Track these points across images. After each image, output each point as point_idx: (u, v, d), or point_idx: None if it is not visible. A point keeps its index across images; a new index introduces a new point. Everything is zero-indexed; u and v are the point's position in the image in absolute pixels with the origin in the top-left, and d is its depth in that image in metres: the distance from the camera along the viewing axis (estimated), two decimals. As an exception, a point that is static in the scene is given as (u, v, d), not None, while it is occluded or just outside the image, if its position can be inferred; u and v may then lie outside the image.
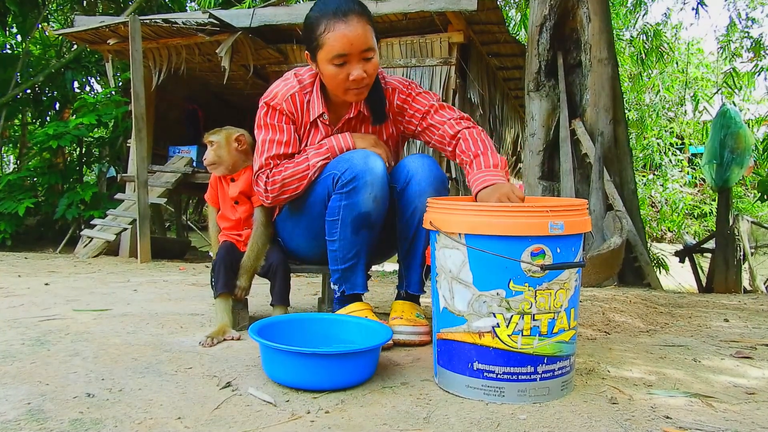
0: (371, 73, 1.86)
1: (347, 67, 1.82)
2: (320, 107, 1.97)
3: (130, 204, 6.42)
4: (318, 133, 2.01)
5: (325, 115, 1.98)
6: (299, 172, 1.94)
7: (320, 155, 1.94)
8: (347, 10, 1.79)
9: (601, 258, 4.28)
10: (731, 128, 5.94)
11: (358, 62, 1.82)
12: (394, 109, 2.06)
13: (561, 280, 1.39)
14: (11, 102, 8.47)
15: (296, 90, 1.97)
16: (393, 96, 2.05)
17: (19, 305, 2.54)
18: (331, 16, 1.79)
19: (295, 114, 1.98)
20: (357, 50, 1.80)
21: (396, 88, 2.06)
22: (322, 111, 1.97)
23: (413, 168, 1.93)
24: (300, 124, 2.00)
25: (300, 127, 2.01)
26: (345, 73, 1.82)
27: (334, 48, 1.79)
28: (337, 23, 1.78)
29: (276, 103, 1.97)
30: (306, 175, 1.94)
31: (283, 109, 1.96)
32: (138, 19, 5.86)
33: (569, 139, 5.09)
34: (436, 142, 2.03)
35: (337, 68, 1.82)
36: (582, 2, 5.08)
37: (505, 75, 7.83)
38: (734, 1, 10.04)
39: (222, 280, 2.03)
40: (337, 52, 1.80)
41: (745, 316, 2.71)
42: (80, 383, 1.46)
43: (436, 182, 1.93)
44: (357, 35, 1.78)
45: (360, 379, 1.51)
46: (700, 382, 1.59)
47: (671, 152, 14.33)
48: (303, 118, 2.00)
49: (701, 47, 15.20)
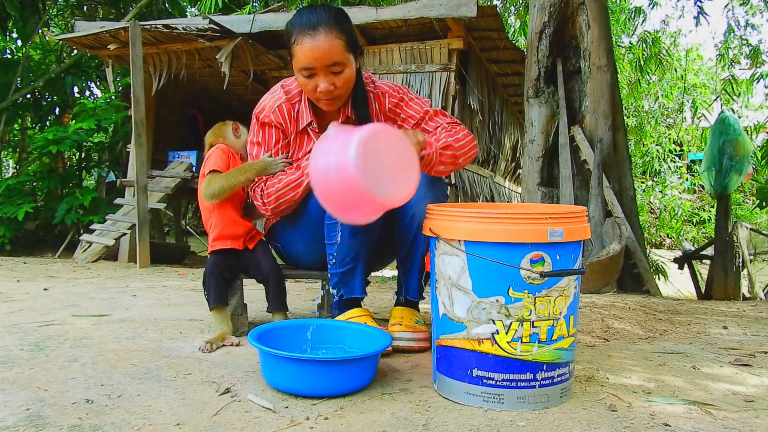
0: (340, 85, 1.86)
1: (315, 79, 1.84)
2: (308, 116, 1.99)
3: (130, 209, 6.42)
4: (310, 141, 2.02)
5: (314, 123, 2.00)
6: (292, 181, 1.94)
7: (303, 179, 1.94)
8: (316, 23, 1.79)
9: (600, 264, 4.28)
10: (730, 135, 5.96)
11: (326, 75, 1.83)
12: (385, 113, 2.06)
13: (560, 287, 1.39)
14: (11, 107, 8.48)
15: (283, 101, 1.99)
16: (384, 100, 2.06)
17: (18, 310, 2.54)
18: (300, 28, 1.80)
19: (284, 124, 2.00)
20: (322, 64, 1.81)
21: (386, 93, 2.06)
22: (310, 119, 1.99)
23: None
24: (289, 133, 2.02)
25: (291, 137, 2.03)
26: (313, 84, 1.84)
27: (300, 61, 1.82)
28: (304, 37, 1.79)
29: (264, 116, 2.00)
30: (300, 183, 1.94)
31: (271, 121, 1.99)
32: (138, 25, 5.87)
33: (568, 145, 5.10)
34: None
35: (306, 79, 1.85)
36: (581, 9, 5.11)
37: (504, 81, 7.85)
38: (732, 8, 10.07)
39: (214, 294, 2.04)
40: (302, 65, 1.82)
41: (744, 324, 2.71)
42: (79, 389, 1.46)
43: (434, 188, 1.93)
44: (321, 50, 1.79)
45: (359, 385, 1.51)
46: (699, 389, 1.59)
47: (670, 159, 14.37)
48: (292, 128, 2.01)
49: (700, 54, 15.27)
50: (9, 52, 9.60)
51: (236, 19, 6.39)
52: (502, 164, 8.57)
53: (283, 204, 1.98)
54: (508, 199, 9.07)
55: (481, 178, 7.62)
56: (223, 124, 2.27)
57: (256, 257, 2.13)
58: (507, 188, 9.17)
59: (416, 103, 2.06)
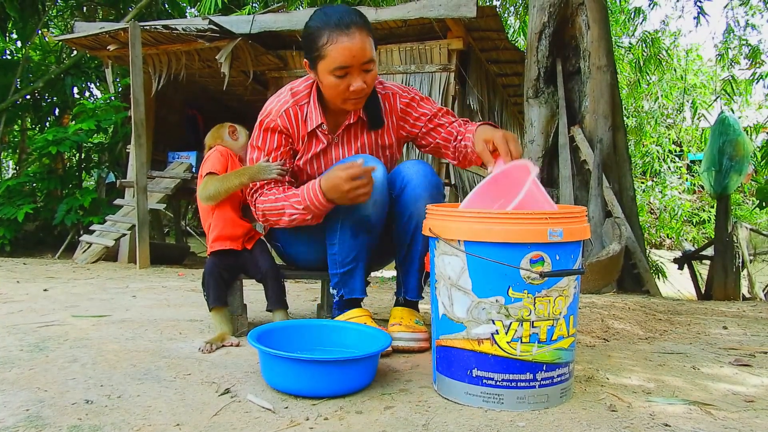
0: (370, 83, 1.87)
1: (348, 78, 1.83)
2: (319, 117, 1.97)
3: (129, 209, 6.42)
4: (319, 143, 2.00)
5: (323, 125, 1.98)
6: (276, 209, 1.91)
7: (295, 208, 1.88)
8: (349, 23, 1.79)
9: (600, 265, 4.28)
10: (730, 135, 5.96)
11: (359, 74, 1.83)
12: (397, 113, 2.07)
13: (560, 287, 1.39)
14: (11, 107, 8.49)
15: (290, 104, 1.97)
16: (394, 100, 2.06)
17: (17, 311, 2.54)
18: (333, 27, 1.79)
19: (291, 128, 1.97)
20: (358, 62, 1.81)
21: (396, 93, 2.07)
22: (320, 121, 1.97)
23: (408, 174, 1.94)
24: (297, 137, 1.99)
25: (297, 141, 2.00)
26: (345, 84, 1.83)
27: (336, 60, 1.80)
28: (339, 35, 1.78)
29: (270, 121, 1.96)
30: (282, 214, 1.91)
31: (277, 126, 1.96)
32: (138, 26, 5.88)
33: (568, 145, 5.10)
34: (442, 140, 2.04)
35: (338, 79, 1.83)
36: (581, 9, 5.11)
37: (504, 81, 7.86)
38: (731, 8, 10.07)
39: (213, 294, 2.04)
40: (339, 64, 1.80)
41: (743, 324, 2.71)
42: (79, 389, 1.46)
43: (432, 188, 1.93)
44: (359, 48, 1.79)
45: (359, 385, 1.50)
46: (699, 389, 1.59)
47: (670, 159, 14.36)
48: (300, 131, 1.99)
49: (700, 54, 15.28)
50: (9, 53, 9.61)
51: (236, 20, 6.40)
52: (502, 165, 8.56)
53: (269, 221, 1.97)
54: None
55: (481, 178, 7.63)
56: (221, 126, 2.28)
57: (254, 257, 2.13)
58: (507, 189, 9.16)
59: (427, 102, 2.09)
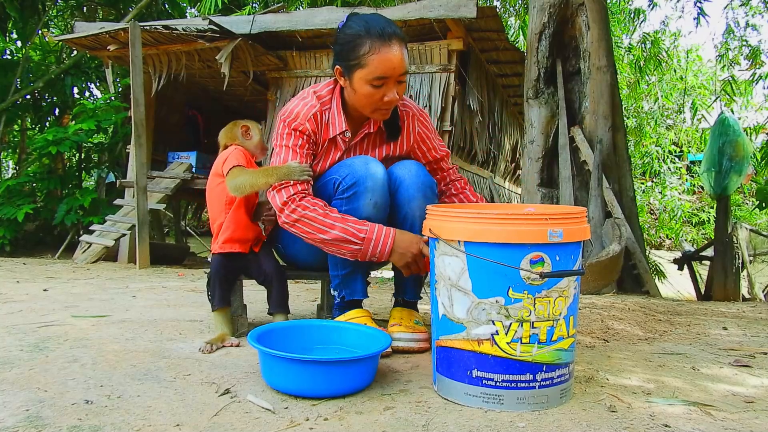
0: (401, 95, 1.91)
1: (384, 89, 1.85)
2: (343, 124, 1.97)
3: (129, 209, 6.42)
4: (338, 150, 2.00)
5: (347, 133, 1.98)
6: (323, 224, 1.83)
7: (350, 233, 1.82)
8: (392, 34, 1.82)
9: (600, 265, 4.28)
10: (730, 136, 5.96)
11: (394, 85, 1.85)
12: (414, 135, 2.12)
13: (560, 288, 1.39)
14: (11, 107, 8.49)
15: (317, 109, 1.96)
16: (412, 121, 2.10)
17: (17, 311, 2.54)
18: (376, 37, 1.80)
19: (318, 133, 1.97)
20: (397, 74, 1.84)
21: (414, 114, 2.11)
22: (345, 128, 1.97)
23: (401, 174, 1.94)
24: (320, 142, 1.99)
25: (320, 145, 2.00)
26: (381, 94, 1.85)
27: (377, 70, 1.81)
28: (382, 46, 1.80)
29: (298, 124, 1.93)
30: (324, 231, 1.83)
31: (306, 129, 1.94)
32: (138, 26, 5.88)
33: (568, 146, 5.10)
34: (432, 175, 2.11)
35: (374, 89, 1.84)
36: (581, 10, 5.11)
37: (504, 82, 7.86)
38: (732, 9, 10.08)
39: (218, 295, 2.04)
40: (379, 74, 1.82)
41: (743, 325, 2.71)
42: (79, 390, 1.46)
43: (425, 188, 1.94)
44: (399, 60, 1.82)
45: (359, 386, 1.50)
46: (699, 390, 1.59)
47: (670, 160, 14.37)
48: (323, 136, 1.99)
49: (700, 54, 15.28)
50: (9, 53, 9.61)
51: (236, 20, 6.39)
52: (502, 165, 8.58)
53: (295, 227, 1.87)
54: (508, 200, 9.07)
55: (480, 179, 7.63)
56: (234, 125, 2.24)
57: (258, 259, 2.13)
58: (507, 189, 9.17)
59: (439, 142, 2.20)
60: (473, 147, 6.94)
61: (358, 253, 1.84)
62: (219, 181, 2.09)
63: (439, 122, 6.04)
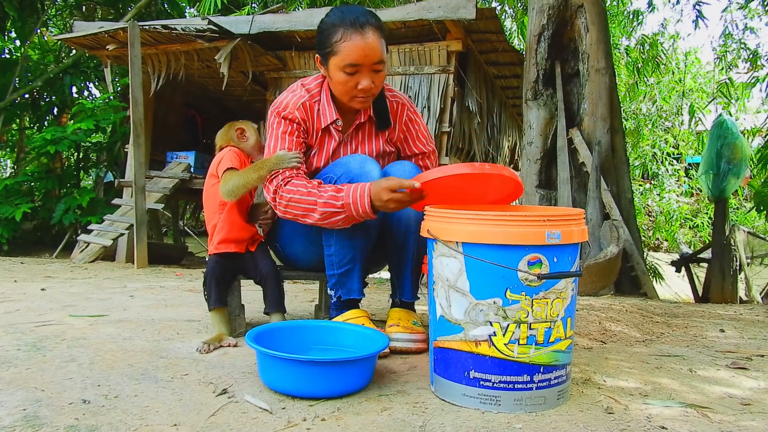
0: (378, 84, 1.91)
1: (357, 76, 1.86)
2: (333, 114, 1.99)
3: (128, 209, 6.42)
4: (332, 140, 2.03)
5: (339, 122, 2.00)
6: (307, 202, 1.84)
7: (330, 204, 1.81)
8: (364, 22, 1.84)
9: (598, 267, 4.29)
10: (728, 138, 5.97)
11: (369, 73, 1.87)
12: (401, 124, 2.13)
13: (557, 290, 1.40)
14: (9, 106, 8.47)
15: (306, 99, 1.99)
16: (401, 110, 2.12)
17: (15, 310, 2.53)
18: (348, 25, 1.83)
19: (308, 122, 2.00)
20: (369, 62, 1.85)
21: (403, 104, 2.13)
22: (335, 117, 1.99)
23: (396, 174, 1.94)
24: (312, 131, 2.02)
25: (312, 135, 2.02)
26: (354, 82, 1.87)
27: (348, 57, 1.83)
28: (353, 33, 1.82)
29: (288, 113, 1.97)
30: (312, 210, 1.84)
31: (295, 117, 1.97)
32: (137, 25, 5.87)
33: (567, 148, 5.11)
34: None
35: (347, 76, 1.86)
36: (580, 12, 5.12)
37: (503, 83, 7.87)
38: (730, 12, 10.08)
39: (214, 295, 2.04)
40: (350, 62, 1.84)
41: (740, 327, 2.72)
42: (76, 389, 1.46)
43: None
44: (371, 47, 1.83)
45: (356, 386, 1.51)
46: (696, 392, 1.59)
47: (668, 162, 14.38)
48: (315, 126, 2.01)
49: (698, 57, 15.30)
50: (7, 52, 9.59)
51: (235, 20, 6.40)
52: (501, 166, 8.57)
53: (288, 213, 1.89)
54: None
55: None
56: (230, 126, 2.25)
57: (254, 258, 2.13)
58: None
59: (426, 136, 2.19)
60: (472, 148, 6.94)
61: (348, 220, 1.84)
62: (214, 182, 2.10)
63: (437, 123, 6.04)
